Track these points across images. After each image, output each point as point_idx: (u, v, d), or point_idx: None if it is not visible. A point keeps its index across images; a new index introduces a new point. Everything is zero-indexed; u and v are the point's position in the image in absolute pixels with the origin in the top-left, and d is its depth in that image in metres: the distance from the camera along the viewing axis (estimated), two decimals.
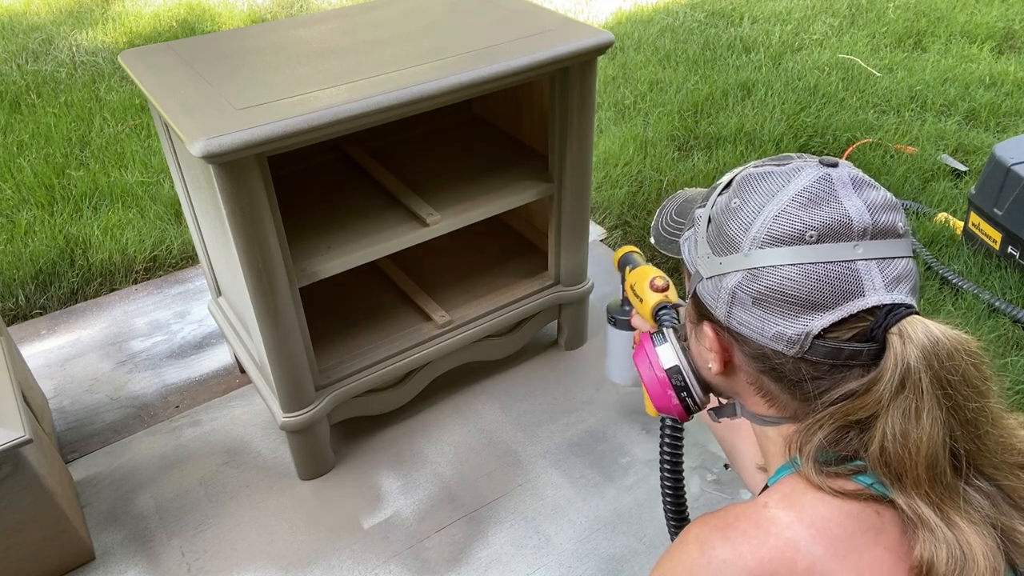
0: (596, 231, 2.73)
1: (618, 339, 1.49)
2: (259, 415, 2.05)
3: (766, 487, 0.77)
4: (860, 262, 0.69)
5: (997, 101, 3.45)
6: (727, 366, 0.80)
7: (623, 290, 1.29)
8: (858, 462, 0.70)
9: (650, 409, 1.24)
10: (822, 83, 3.63)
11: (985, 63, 3.82)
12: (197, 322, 2.37)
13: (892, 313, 0.68)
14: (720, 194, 0.78)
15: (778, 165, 0.74)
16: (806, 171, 0.72)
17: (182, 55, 1.62)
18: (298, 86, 1.47)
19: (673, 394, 0.89)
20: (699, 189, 0.92)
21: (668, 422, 1.01)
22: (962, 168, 2.99)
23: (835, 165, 0.72)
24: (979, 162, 3.03)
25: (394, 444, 1.96)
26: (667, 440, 1.01)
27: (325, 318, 1.95)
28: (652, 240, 0.90)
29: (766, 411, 0.80)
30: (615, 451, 1.93)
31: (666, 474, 1.02)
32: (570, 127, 1.77)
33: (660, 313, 1.05)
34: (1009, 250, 2.41)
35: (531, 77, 1.63)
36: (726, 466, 1.88)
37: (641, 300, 1.13)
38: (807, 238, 0.69)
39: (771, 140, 3.18)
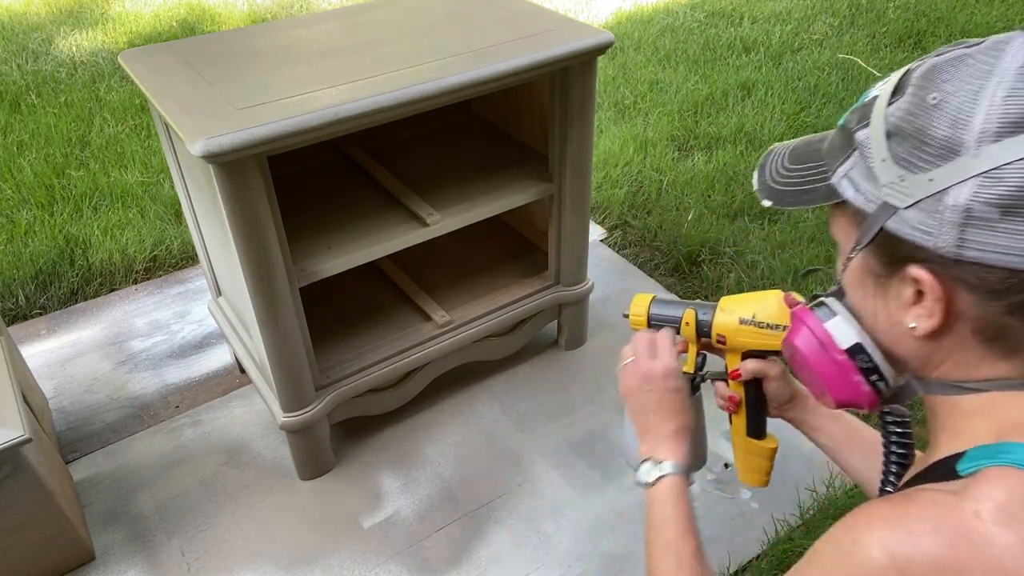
0: (596, 231, 2.73)
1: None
2: (259, 415, 2.05)
3: (951, 472, 0.60)
4: None
5: None
6: (947, 319, 0.62)
7: (689, 356, 1.03)
8: None
9: (749, 477, 1.06)
10: (822, 83, 3.63)
11: None
12: (197, 322, 2.37)
13: None
14: (891, 103, 0.61)
15: (968, 47, 0.59)
16: (1017, 41, 0.57)
17: (182, 55, 1.62)
18: (298, 86, 1.47)
19: (862, 379, 0.70)
20: (796, 139, 0.76)
21: (891, 419, 0.80)
22: None
23: None
24: None
25: (394, 444, 1.96)
26: (895, 436, 0.80)
27: (325, 318, 1.96)
28: (766, 201, 0.72)
29: (987, 372, 0.62)
30: (615, 451, 1.93)
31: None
32: (570, 127, 1.77)
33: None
34: None
35: (531, 77, 1.63)
36: (726, 465, 1.88)
37: (786, 327, 0.91)
38: None
39: (771, 140, 3.18)
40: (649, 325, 1.04)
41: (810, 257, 2.49)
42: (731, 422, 1.05)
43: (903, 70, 0.63)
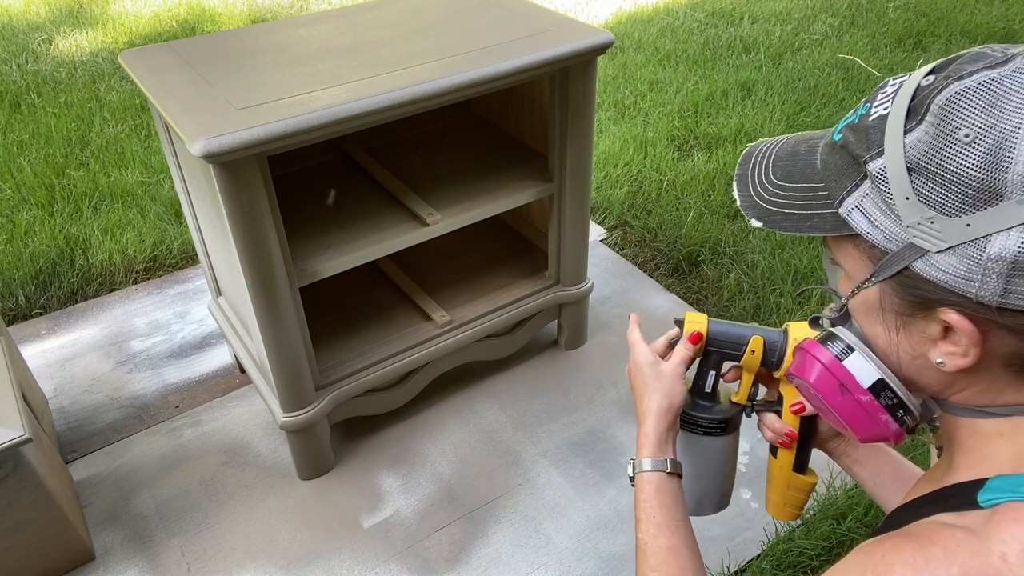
0: (596, 231, 2.73)
1: (710, 451, 0.97)
2: (259, 415, 2.05)
3: (971, 501, 0.57)
4: None
5: None
6: (980, 357, 0.59)
7: (713, 378, 0.94)
8: None
9: (784, 511, 1.00)
10: (822, 83, 3.63)
11: None
12: (197, 322, 2.37)
13: None
14: (908, 131, 0.56)
15: (992, 68, 0.53)
16: None
17: (182, 55, 1.62)
18: (298, 86, 1.47)
19: (889, 417, 0.66)
20: (782, 138, 0.71)
21: None
22: None
23: None
24: None
25: (394, 444, 1.96)
26: None
27: (325, 318, 1.96)
28: (756, 222, 0.67)
29: (1011, 398, 0.60)
30: (615, 450, 1.93)
31: None
32: (570, 127, 1.77)
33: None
34: None
35: (531, 77, 1.63)
36: None
37: None
38: None
39: None
40: (707, 346, 0.93)
41: (810, 258, 2.49)
42: (773, 456, 0.98)
43: (911, 85, 0.57)
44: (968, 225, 0.53)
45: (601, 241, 2.69)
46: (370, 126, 1.48)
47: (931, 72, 0.57)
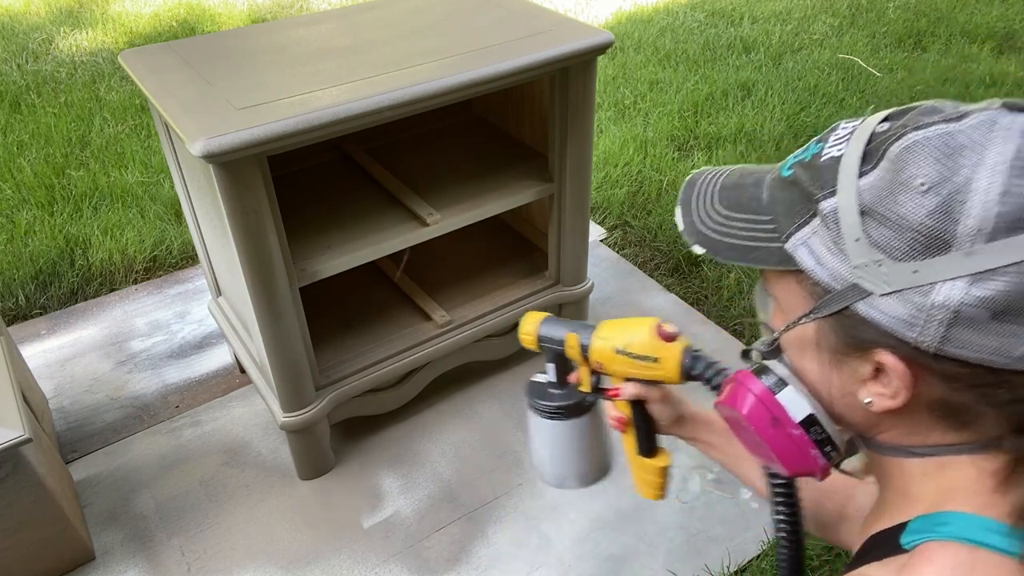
0: (596, 231, 2.73)
1: (555, 434, 1.11)
2: (259, 415, 2.05)
3: (895, 546, 0.59)
4: None
5: None
6: (909, 400, 0.60)
7: (555, 370, 1.03)
8: None
9: (645, 491, 1.07)
10: (822, 83, 3.63)
11: (985, 63, 3.81)
12: (197, 322, 2.37)
13: None
14: (863, 175, 0.56)
15: (950, 122, 0.54)
16: (1003, 122, 0.53)
17: (182, 55, 1.62)
18: (298, 86, 1.47)
19: (818, 452, 0.66)
20: (727, 168, 0.72)
21: (779, 483, 0.79)
22: None
23: None
24: None
25: (394, 444, 1.96)
26: (782, 501, 0.80)
27: (325, 318, 1.96)
28: (698, 248, 0.68)
29: (937, 440, 0.61)
30: (615, 451, 1.93)
31: (784, 538, 0.82)
32: (570, 127, 1.77)
33: (697, 362, 0.84)
34: None
35: (531, 77, 1.63)
36: None
37: (656, 359, 0.88)
38: None
39: (771, 140, 3.18)
40: (539, 344, 1.01)
41: None
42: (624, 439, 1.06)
43: (866, 130, 0.58)
44: (915, 271, 0.54)
45: (601, 241, 2.69)
46: (370, 126, 1.48)
47: (885, 119, 0.58)
